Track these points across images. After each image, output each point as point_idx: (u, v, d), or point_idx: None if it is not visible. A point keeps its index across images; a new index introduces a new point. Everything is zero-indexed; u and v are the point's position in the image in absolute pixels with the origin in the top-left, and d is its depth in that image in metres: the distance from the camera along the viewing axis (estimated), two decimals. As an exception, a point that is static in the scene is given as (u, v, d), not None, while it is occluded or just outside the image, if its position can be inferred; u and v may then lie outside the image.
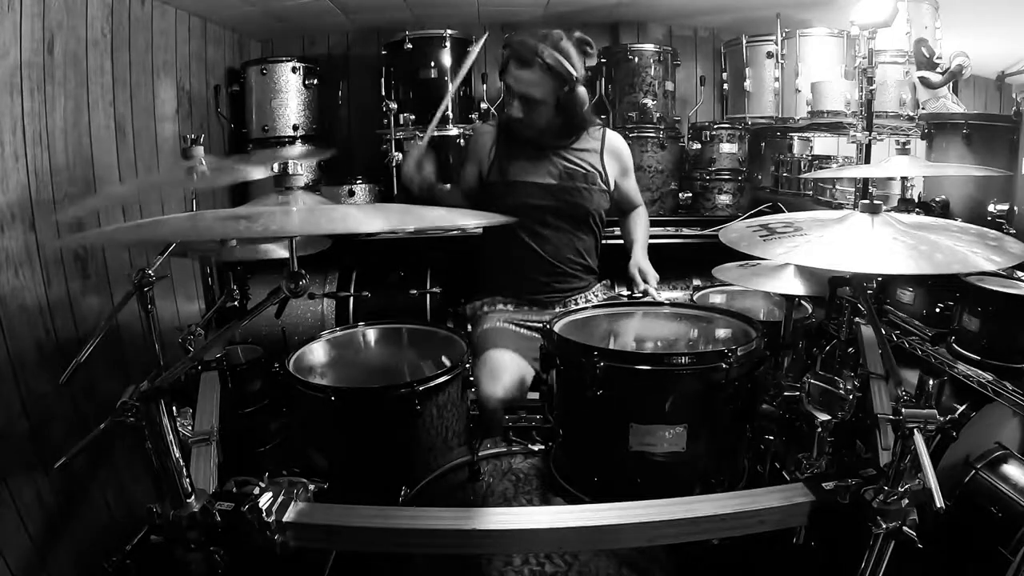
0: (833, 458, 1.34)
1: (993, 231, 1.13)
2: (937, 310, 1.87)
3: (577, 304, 2.04)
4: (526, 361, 1.83)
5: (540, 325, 1.90)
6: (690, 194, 3.17)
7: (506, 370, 1.78)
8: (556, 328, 1.39)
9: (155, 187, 1.96)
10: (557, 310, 2.02)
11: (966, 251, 1.01)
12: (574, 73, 1.84)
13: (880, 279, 2.03)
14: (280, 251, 1.77)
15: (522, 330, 1.97)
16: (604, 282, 2.20)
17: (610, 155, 2.09)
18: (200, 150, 1.54)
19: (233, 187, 3.03)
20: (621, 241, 2.25)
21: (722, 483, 1.26)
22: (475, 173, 2.11)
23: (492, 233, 2.08)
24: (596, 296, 2.12)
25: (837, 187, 2.62)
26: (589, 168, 2.03)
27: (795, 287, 1.63)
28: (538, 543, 1.09)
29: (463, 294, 2.32)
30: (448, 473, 1.42)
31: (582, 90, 1.89)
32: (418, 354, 1.71)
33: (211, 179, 1.48)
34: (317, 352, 1.67)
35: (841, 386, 1.38)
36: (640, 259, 2.09)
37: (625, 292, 2.16)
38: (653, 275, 2.03)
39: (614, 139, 2.12)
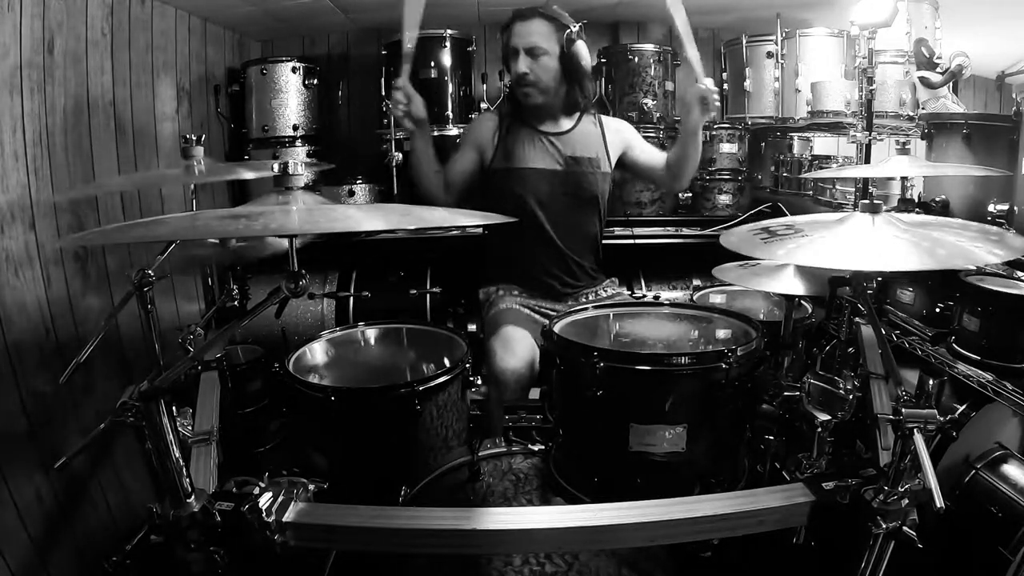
0: (833, 458, 1.34)
1: (994, 228, 1.13)
2: (937, 310, 1.87)
3: (588, 299, 2.05)
4: (536, 343, 1.85)
5: (551, 312, 1.91)
6: (690, 194, 3.16)
7: (520, 344, 1.81)
8: (556, 328, 1.39)
9: (152, 181, 1.95)
10: (568, 302, 2.03)
11: (968, 246, 1.01)
12: (572, 23, 1.94)
13: (880, 279, 2.03)
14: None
15: (534, 314, 1.98)
16: (612, 279, 2.21)
17: (611, 134, 2.12)
18: (200, 150, 1.54)
19: (233, 187, 3.03)
20: (621, 241, 2.25)
21: (722, 483, 1.26)
22: (471, 159, 2.09)
23: (500, 225, 2.08)
24: (605, 292, 2.13)
25: (837, 187, 2.61)
26: (593, 153, 2.05)
27: (795, 287, 1.63)
28: (538, 543, 1.09)
29: (463, 294, 2.32)
30: (448, 473, 1.42)
31: (581, 43, 1.95)
32: (418, 354, 1.71)
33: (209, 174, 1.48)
34: (317, 352, 1.67)
35: (841, 386, 1.38)
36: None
37: (626, 292, 2.17)
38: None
39: (611, 120, 2.18)
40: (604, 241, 2.22)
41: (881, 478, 1.04)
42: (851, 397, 1.37)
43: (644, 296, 1.98)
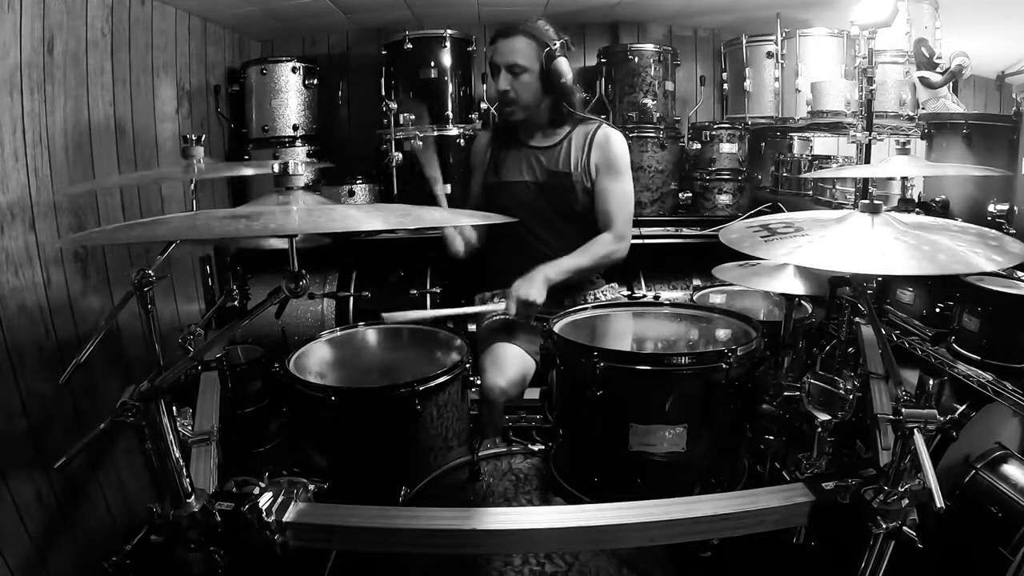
0: (833, 458, 1.34)
1: (993, 231, 1.13)
2: (937, 310, 1.87)
3: (586, 302, 2.05)
4: (530, 355, 1.85)
5: (545, 318, 1.90)
6: (690, 194, 3.17)
7: (510, 363, 1.80)
8: (556, 328, 1.39)
9: (153, 179, 1.95)
10: (565, 303, 2.02)
11: (967, 251, 1.01)
12: (555, 39, 1.93)
13: (880, 279, 2.03)
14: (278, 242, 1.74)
15: (529, 321, 1.97)
16: (612, 284, 2.21)
17: (597, 149, 2.00)
18: (200, 150, 1.54)
19: (233, 187, 3.03)
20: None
21: (722, 483, 1.26)
22: (477, 182, 2.16)
23: (494, 231, 2.09)
24: (604, 296, 2.12)
25: (837, 187, 2.62)
26: (573, 167, 2.01)
27: (795, 287, 1.64)
28: (538, 543, 1.09)
29: (463, 294, 2.31)
30: (448, 473, 1.42)
31: (562, 60, 1.95)
32: (418, 354, 1.71)
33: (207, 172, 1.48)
34: (317, 352, 1.66)
35: (841, 386, 1.38)
36: (538, 274, 1.84)
37: (626, 292, 2.17)
38: (523, 297, 1.79)
39: (603, 135, 2.01)
40: None
41: (881, 478, 1.04)
42: (851, 397, 1.36)
43: (644, 296, 1.97)
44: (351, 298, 2.68)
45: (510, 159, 2.07)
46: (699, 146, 3.06)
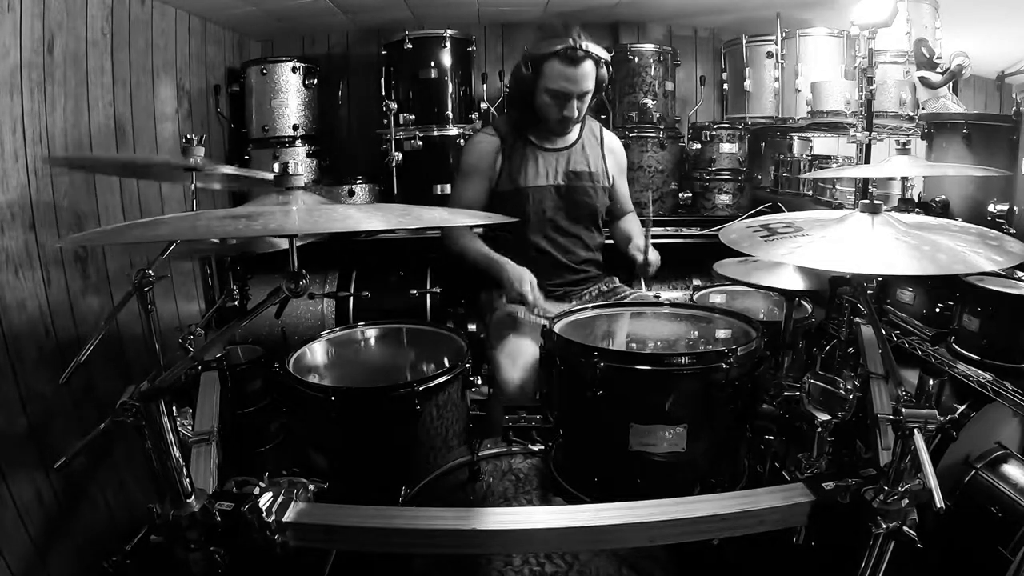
0: (833, 458, 1.34)
1: (993, 231, 1.13)
2: (937, 310, 1.87)
3: (592, 296, 2.07)
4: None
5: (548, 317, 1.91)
6: (690, 194, 3.17)
7: (524, 355, 1.81)
8: (556, 328, 1.39)
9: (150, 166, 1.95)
10: (574, 303, 2.03)
11: (967, 251, 1.01)
12: (605, 54, 1.94)
13: (880, 279, 2.03)
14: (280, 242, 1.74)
15: (538, 317, 1.98)
16: (612, 277, 2.22)
17: (610, 153, 2.15)
18: (201, 150, 1.53)
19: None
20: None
21: (722, 483, 1.26)
22: (481, 188, 2.08)
23: (498, 236, 2.08)
24: (607, 287, 2.14)
25: (837, 187, 2.62)
26: (593, 167, 2.06)
27: (795, 282, 1.64)
28: (538, 543, 1.09)
29: (463, 294, 2.31)
30: (448, 473, 1.42)
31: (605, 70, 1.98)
32: (418, 354, 1.71)
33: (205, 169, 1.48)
34: (317, 352, 1.66)
35: (841, 386, 1.38)
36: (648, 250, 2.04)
37: (626, 290, 2.17)
38: (655, 263, 1.98)
39: (612, 139, 2.19)
40: (605, 241, 2.23)
41: (881, 478, 1.04)
42: (851, 397, 1.36)
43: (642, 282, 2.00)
44: (351, 298, 2.68)
45: (527, 164, 2.04)
46: (699, 146, 3.06)
